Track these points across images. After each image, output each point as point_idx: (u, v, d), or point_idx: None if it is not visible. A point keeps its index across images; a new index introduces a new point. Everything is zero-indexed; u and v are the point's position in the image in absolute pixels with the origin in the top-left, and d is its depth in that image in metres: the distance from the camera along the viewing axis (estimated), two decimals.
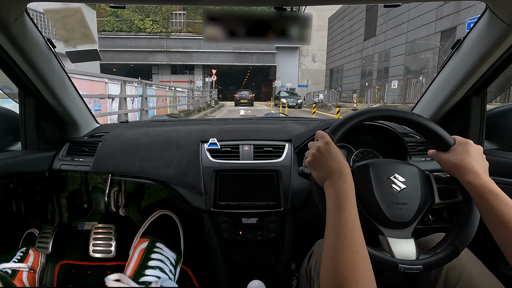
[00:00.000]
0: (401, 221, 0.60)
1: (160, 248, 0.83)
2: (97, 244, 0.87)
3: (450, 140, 0.63)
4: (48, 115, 1.07)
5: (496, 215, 0.51)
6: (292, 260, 1.02)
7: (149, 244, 0.83)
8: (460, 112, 1.03)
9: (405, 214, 0.60)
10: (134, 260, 0.80)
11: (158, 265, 0.78)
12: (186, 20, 24.85)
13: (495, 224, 0.51)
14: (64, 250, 0.93)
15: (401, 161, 0.67)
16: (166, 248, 0.85)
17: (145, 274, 0.75)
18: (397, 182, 0.62)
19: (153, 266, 0.78)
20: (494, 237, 0.52)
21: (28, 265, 0.87)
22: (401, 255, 0.57)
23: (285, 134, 1.07)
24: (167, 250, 0.84)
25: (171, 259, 0.83)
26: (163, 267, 0.79)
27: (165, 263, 0.80)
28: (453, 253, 0.58)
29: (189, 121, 1.45)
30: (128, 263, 0.80)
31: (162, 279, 0.74)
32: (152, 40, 24.38)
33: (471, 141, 0.61)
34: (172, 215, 0.94)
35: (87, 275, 0.90)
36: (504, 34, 0.76)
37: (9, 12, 0.72)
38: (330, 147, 0.59)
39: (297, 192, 0.94)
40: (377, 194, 0.61)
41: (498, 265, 0.93)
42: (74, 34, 0.94)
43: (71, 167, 1.05)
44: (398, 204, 0.61)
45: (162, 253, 0.82)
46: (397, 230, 0.60)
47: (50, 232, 0.92)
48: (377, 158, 1.05)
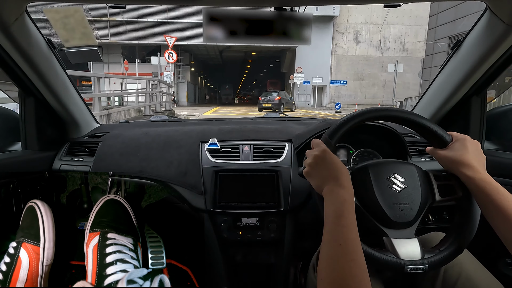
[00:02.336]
0: (403, 221, 0.60)
1: (113, 238, 0.78)
2: None
3: (447, 137, 0.63)
4: (48, 115, 1.07)
5: (497, 209, 0.51)
6: (292, 260, 1.02)
7: (100, 238, 0.77)
8: (460, 112, 1.03)
9: (407, 214, 0.60)
10: (91, 260, 0.74)
11: (117, 257, 0.73)
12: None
13: (497, 218, 0.51)
14: (64, 250, 0.93)
15: (400, 161, 0.67)
16: (120, 235, 0.79)
17: (107, 273, 0.70)
18: (397, 182, 0.62)
19: (112, 262, 0.72)
20: (496, 231, 0.52)
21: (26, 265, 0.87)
22: (406, 255, 0.57)
23: (285, 134, 1.07)
24: (121, 237, 0.79)
25: (128, 245, 0.78)
26: (123, 257, 0.74)
27: (124, 252, 0.75)
28: (457, 250, 0.58)
29: (189, 121, 1.45)
30: (86, 265, 0.75)
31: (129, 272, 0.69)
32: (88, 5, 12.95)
33: (468, 136, 0.61)
34: (117, 198, 0.88)
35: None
36: (504, 34, 0.76)
37: (9, 12, 0.72)
38: (325, 154, 0.58)
39: (297, 192, 0.94)
40: (378, 196, 0.61)
41: (495, 264, 0.93)
42: (74, 34, 0.95)
43: (71, 167, 1.05)
44: (399, 204, 0.60)
45: (117, 242, 0.77)
46: (400, 231, 0.60)
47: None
48: (377, 159, 1.05)
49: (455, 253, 0.58)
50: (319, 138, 0.64)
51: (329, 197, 0.54)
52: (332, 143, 0.63)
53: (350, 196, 0.54)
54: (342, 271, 0.43)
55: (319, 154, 0.59)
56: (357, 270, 0.44)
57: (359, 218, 0.54)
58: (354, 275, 0.43)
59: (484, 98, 1.00)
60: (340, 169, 0.57)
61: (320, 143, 0.62)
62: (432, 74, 14.72)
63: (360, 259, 0.45)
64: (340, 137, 0.65)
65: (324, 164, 0.58)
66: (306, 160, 0.62)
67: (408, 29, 18.97)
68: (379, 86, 19.30)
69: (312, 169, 0.59)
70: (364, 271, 0.44)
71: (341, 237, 0.47)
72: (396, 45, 19.24)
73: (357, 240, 0.47)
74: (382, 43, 19.01)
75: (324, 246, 0.48)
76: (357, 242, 0.47)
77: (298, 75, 17.36)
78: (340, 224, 0.49)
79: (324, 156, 0.58)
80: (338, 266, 0.44)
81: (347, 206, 0.51)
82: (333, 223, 0.49)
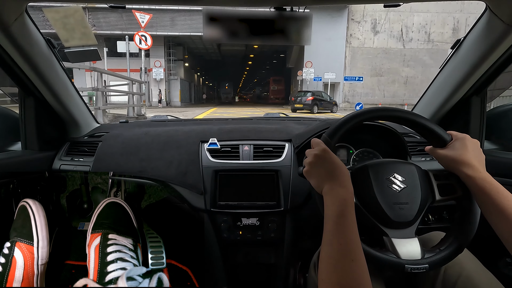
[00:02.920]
0: (403, 221, 0.60)
1: (114, 239, 0.81)
2: None
3: (446, 136, 0.63)
4: (48, 115, 1.07)
5: (496, 208, 0.51)
6: (292, 260, 1.02)
7: (101, 239, 0.81)
8: (460, 112, 1.03)
9: (407, 214, 0.60)
10: (93, 259, 0.78)
11: (117, 256, 0.77)
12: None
13: (496, 218, 0.51)
14: (64, 250, 0.93)
15: (399, 160, 0.67)
16: (120, 236, 0.83)
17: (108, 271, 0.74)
18: (397, 182, 0.62)
19: (113, 260, 0.76)
20: (495, 230, 0.52)
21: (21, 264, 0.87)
22: (407, 255, 0.57)
23: (285, 134, 1.07)
24: (121, 238, 0.83)
25: (128, 245, 0.82)
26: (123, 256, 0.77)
27: (124, 252, 0.79)
28: (457, 249, 0.58)
29: (189, 121, 1.45)
30: (88, 264, 0.79)
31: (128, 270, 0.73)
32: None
33: (468, 135, 0.61)
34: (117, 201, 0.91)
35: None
36: (504, 34, 0.76)
37: (9, 12, 0.72)
38: (325, 154, 0.58)
39: (297, 192, 0.94)
40: (378, 196, 0.61)
41: (496, 264, 0.93)
42: (73, 34, 0.95)
43: (71, 167, 1.05)
44: (399, 204, 0.61)
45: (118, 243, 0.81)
46: (401, 230, 0.60)
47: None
48: (377, 159, 1.04)
49: (455, 253, 0.58)
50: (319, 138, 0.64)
51: (329, 197, 0.54)
52: (332, 143, 0.63)
53: (350, 196, 0.53)
54: (343, 272, 0.43)
55: (319, 153, 0.59)
56: (358, 270, 0.44)
57: (359, 217, 0.54)
58: (355, 276, 0.43)
59: (484, 98, 1.00)
60: (339, 168, 0.56)
61: (320, 143, 0.61)
62: None
63: (361, 259, 0.45)
64: (340, 137, 0.65)
65: (324, 163, 0.58)
66: (306, 160, 0.61)
67: (434, 17, 16.08)
68: (400, 83, 16.69)
69: (312, 168, 0.59)
70: (365, 271, 0.44)
71: (341, 237, 0.47)
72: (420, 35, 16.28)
73: (357, 240, 0.47)
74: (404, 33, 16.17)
75: (325, 246, 0.48)
76: (357, 242, 0.47)
77: (308, 70, 14.85)
78: (341, 224, 0.49)
79: (324, 155, 0.58)
80: (339, 266, 0.44)
81: (347, 206, 0.51)
82: (334, 223, 0.49)
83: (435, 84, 1.06)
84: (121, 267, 0.74)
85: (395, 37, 16.20)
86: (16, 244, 0.79)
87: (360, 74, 15.84)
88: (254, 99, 34.82)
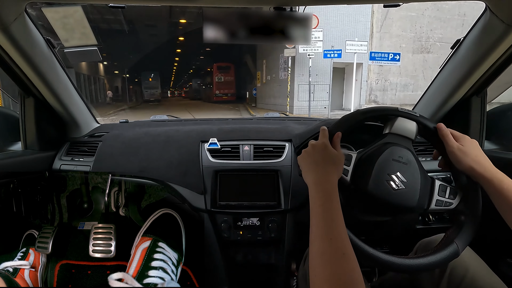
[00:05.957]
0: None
1: (163, 248, 0.83)
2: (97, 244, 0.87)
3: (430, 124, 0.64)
4: (48, 115, 1.07)
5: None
6: (292, 260, 1.02)
7: (151, 244, 0.83)
8: (460, 112, 1.03)
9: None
10: (137, 259, 0.79)
11: (161, 265, 0.78)
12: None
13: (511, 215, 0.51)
14: (64, 250, 0.93)
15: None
16: (169, 248, 0.84)
17: (149, 275, 0.75)
18: (397, 181, 0.61)
19: (156, 267, 0.77)
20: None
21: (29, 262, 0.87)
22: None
23: (285, 134, 1.07)
24: (170, 250, 0.84)
25: (173, 259, 0.83)
26: (165, 267, 0.79)
27: (168, 264, 0.80)
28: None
29: (189, 121, 1.45)
30: (130, 262, 0.80)
31: (167, 281, 0.75)
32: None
33: (468, 136, 0.61)
34: (175, 214, 0.93)
35: (87, 275, 0.90)
36: (504, 34, 0.76)
37: (9, 12, 0.72)
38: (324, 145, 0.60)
39: (297, 192, 0.94)
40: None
41: (501, 266, 0.93)
42: (73, 34, 0.95)
43: (71, 167, 1.05)
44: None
45: (165, 253, 0.82)
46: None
47: (50, 232, 0.92)
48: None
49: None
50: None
51: (314, 190, 0.55)
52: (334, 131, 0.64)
53: (334, 190, 0.54)
54: (335, 266, 0.44)
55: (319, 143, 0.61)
56: (349, 264, 0.44)
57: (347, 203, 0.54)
58: (347, 269, 0.43)
59: (484, 98, 1.00)
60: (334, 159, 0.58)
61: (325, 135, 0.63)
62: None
63: (350, 252, 0.45)
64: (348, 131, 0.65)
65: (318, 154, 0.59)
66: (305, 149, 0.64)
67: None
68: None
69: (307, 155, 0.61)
70: (356, 264, 0.44)
71: (330, 232, 0.48)
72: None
73: (346, 234, 0.48)
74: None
75: (315, 241, 0.48)
76: (345, 235, 0.48)
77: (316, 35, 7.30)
78: (329, 218, 0.49)
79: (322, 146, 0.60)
80: (331, 261, 0.44)
81: (333, 200, 0.52)
82: (322, 217, 0.50)
83: (435, 84, 1.06)
84: (161, 276, 0.76)
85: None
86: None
87: (395, 50, 8.69)
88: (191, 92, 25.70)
